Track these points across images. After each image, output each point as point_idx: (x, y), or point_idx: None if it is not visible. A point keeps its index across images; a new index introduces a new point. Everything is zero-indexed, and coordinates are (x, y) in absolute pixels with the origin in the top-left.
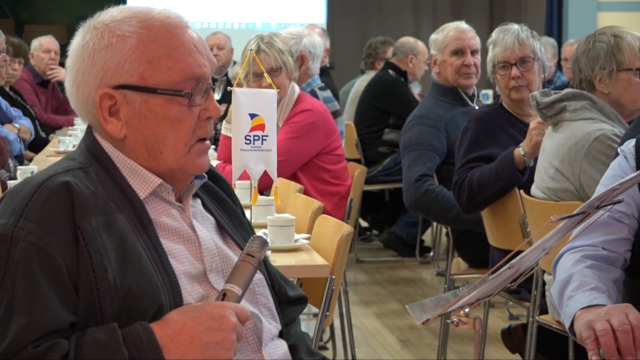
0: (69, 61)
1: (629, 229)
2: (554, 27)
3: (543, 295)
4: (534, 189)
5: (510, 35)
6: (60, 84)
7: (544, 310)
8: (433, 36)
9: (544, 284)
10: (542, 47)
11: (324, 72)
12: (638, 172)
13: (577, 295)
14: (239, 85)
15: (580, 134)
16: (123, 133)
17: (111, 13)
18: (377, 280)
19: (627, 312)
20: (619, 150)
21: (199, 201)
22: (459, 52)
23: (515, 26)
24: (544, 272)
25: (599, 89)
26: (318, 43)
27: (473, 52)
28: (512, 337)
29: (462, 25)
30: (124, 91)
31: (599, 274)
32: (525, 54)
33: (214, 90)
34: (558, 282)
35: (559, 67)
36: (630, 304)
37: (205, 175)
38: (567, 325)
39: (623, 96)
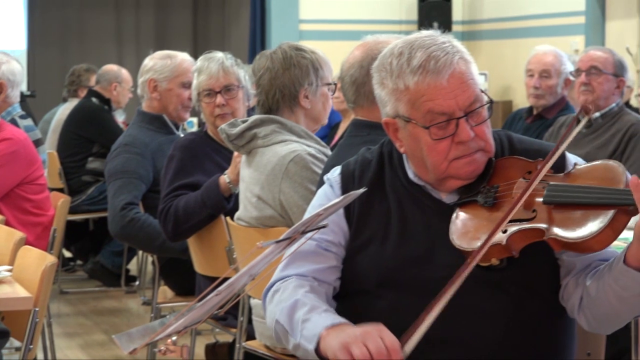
0: None
1: (336, 257)
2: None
3: (250, 321)
4: (238, 221)
5: (215, 63)
6: None
7: (250, 336)
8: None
9: (250, 310)
10: (246, 74)
11: (22, 99)
12: (341, 197)
13: (314, 318)
14: None
15: (275, 159)
16: None
17: None
18: (82, 312)
19: (382, 336)
20: (325, 178)
21: None
22: None
23: (220, 54)
24: (250, 297)
25: (302, 104)
26: (17, 70)
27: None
28: (217, 354)
29: None
30: None
31: (323, 299)
32: (229, 82)
33: None
34: (284, 310)
35: None
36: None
37: None
38: (310, 347)
39: (320, 111)
